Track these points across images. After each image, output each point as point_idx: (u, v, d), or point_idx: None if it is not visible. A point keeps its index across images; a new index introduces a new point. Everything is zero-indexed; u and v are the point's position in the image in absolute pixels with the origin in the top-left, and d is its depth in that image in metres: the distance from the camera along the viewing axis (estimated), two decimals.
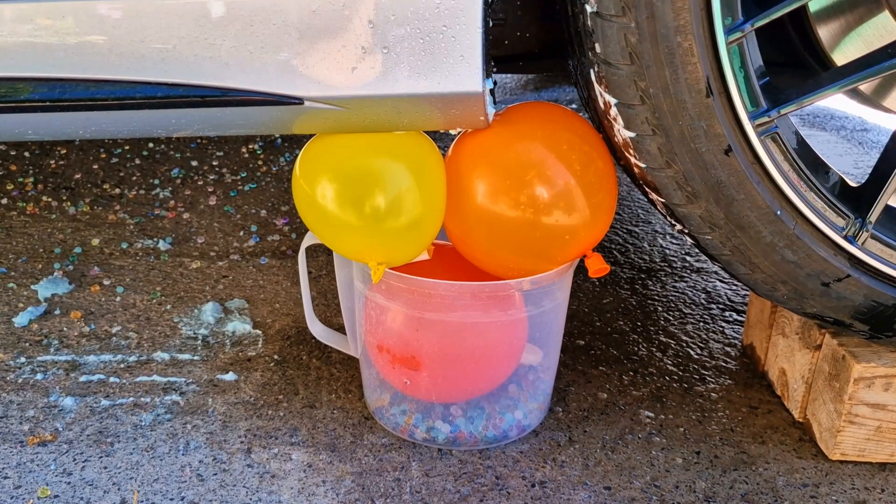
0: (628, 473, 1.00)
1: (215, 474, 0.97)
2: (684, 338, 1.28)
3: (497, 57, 1.20)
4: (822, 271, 0.95)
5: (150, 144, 2.09)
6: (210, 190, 1.83)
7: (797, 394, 1.08)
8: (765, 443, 1.05)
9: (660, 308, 1.37)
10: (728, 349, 1.25)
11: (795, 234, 0.93)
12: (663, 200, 0.94)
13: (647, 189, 0.96)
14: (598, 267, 0.96)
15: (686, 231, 0.96)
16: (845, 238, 0.94)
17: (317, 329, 1.15)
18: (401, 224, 0.93)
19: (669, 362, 1.21)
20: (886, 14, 1.02)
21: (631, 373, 1.19)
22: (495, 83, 0.92)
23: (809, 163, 0.95)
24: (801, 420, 1.08)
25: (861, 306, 0.96)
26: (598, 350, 1.25)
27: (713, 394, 1.14)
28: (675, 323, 1.32)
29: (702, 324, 1.31)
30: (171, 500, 0.94)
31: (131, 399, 1.11)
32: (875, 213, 0.93)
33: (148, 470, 0.98)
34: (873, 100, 1.11)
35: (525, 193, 0.92)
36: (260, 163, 1.99)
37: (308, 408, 1.10)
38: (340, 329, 1.24)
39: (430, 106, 0.85)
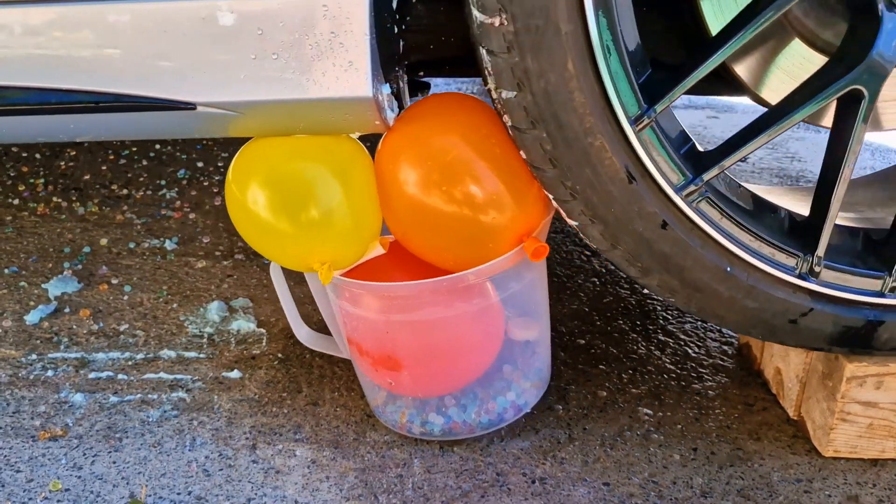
0: (627, 470, 1.01)
1: (221, 470, 1.00)
2: (682, 336, 1.30)
3: (425, 61, 1.22)
4: (786, 310, 0.97)
5: (157, 146, 2.12)
6: (215, 191, 1.85)
7: (792, 392, 1.10)
8: (760, 439, 1.07)
9: (658, 307, 1.39)
10: (725, 348, 1.27)
11: (750, 284, 0.95)
12: (625, 275, 0.97)
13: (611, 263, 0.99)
14: (534, 248, 0.95)
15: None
16: (800, 277, 0.95)
17: (302, 334, 1.16)
18: (336, 228, 0.94)
19: (668, 361, 1.23)
20: (799, 41, 1.04)
21: (630, 371, 1.21)
22: (397, 87, 0.93)
23: (752, 210, 0.97)
24: (795, 418, 1.10)
25: (833, 333, 0.98)
26: (597, 349, 1.27)
27: (710, 391, 1.16)
28: (674, 322, 1.34)
29: (699, 323, 1.33)
30: (179, 494, 0.96)
31: (139, 396, 1.14)
32: (822, 247, 0.94)
33: (155, 465, 1.00)
34: (753, 90, 1.10)
35: (446, 188, 0.92)
36: None
37: (311, 405, 1.12)
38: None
39: (323, 110, 0.87)
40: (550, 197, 0.93)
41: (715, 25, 1.03)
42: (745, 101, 1.77)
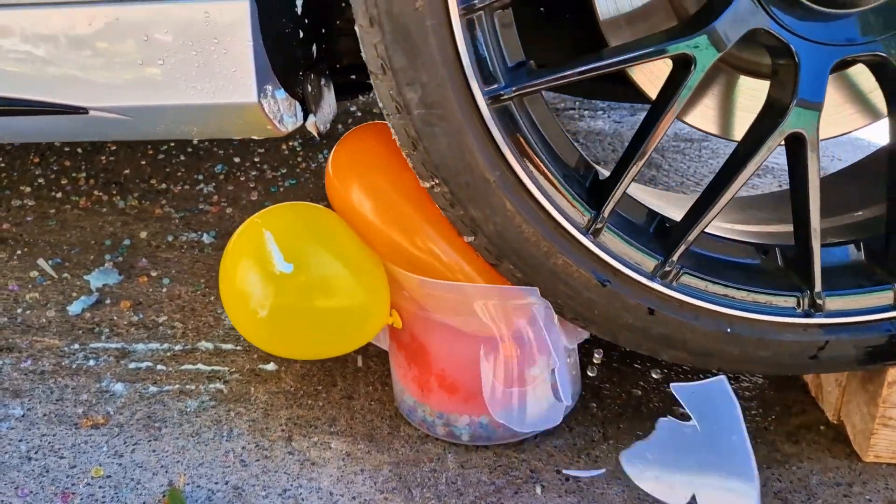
0: None
1: (258, 460, 1.01)
2: None
3: (358, 65, 1.22)
4: (801, 350, 0.96)
5: (195, 142, 2.15)
6: (252, 186, 1.87)
7: (831, 396, 1.08)
8: (798, 442, 1.05)
9: None
10: None
11: (757, 337, 0.94)
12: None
13: None
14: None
15: None
16: (805, 315, 0.94)
17: None
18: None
19: None
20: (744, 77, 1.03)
21: (665, 370, 1.20)
22: (304, 91, 0.94)
23: (738, 262, 0.97)
24: (834, 421, 1.08)
25: (859, 355, 0.96)
26: None
27: (747, 392, 1.15)
28: None
29: None
30: (216, 483, 0.97)
31: (177, 386, 1.15)
32: (818, 282, 0.93)
33: (194, 454, 1.02)
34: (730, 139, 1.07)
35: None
36: (299, 159, 2.03)
37: (346, 399, 1.13)
38: None
39: (212, 115, 0.89)
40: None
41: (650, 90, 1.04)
42: None
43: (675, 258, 0.92)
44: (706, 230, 0.93)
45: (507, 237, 0.90)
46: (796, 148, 0.89)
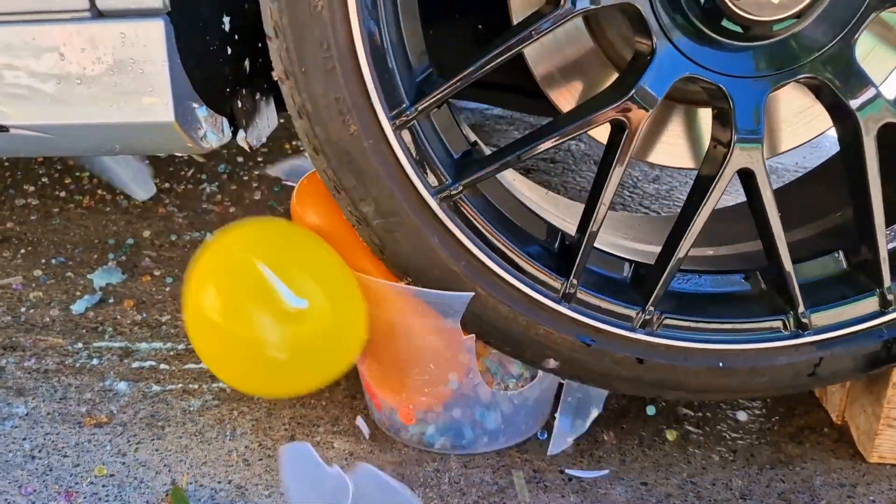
0: (665, 470, 1.01)
1: (261, 459, 1.01)
2: None
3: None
4: (798, 371, 0.95)
5: None
6: (255, 185, 1.87)
7: (835, 397, 1.08)
8: (802, 443, 1.05)
9: None
10: None
11: (750, 366, 0.95)
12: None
13: None
14: None
15: None
16: (794, 336, 0.94)
17: None
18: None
19: None
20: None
21: None
22: (232, 108, 0.94)
23: (719, 294, 0.97)
24: (838, 422, 1.08)
25: (858, 364, 0.95)
26: None
27: None
28: None
29: None
30: (219, 482, 0.98)
31: (180, 385, 1.16)
32: (800, 302, 0.92)
33: (197, 453, 1.02)
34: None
35: None
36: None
37: (349, 398, 1.13)
38: None
39: (132, 133, 0.89)
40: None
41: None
42: None
43: (652, 306, 0.93)
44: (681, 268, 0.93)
45: (486, 318, 0.92)
46: (747, 180, 0.89)
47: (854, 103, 0.85)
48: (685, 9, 0.83)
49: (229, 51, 0.92)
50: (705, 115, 1.03)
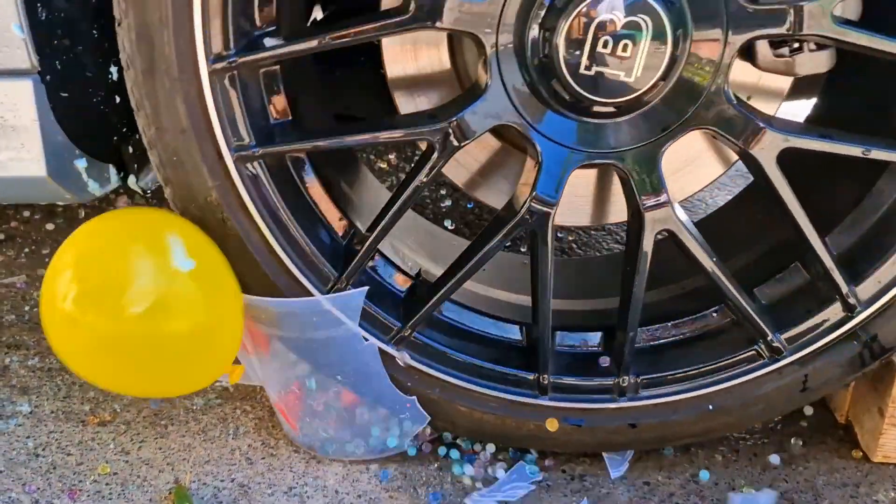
0: (668, 469, 1.01)
1: (263, 458, 1.01)
2: None
3: None
4: (790, 394, 0.96)
5: None
6: None
7: (840, 397, 1.07)
8: (805, 443, 1.05)
9: None
10: None
11: (741, 401, 0.96)
12: None
13: None
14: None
15: None
16: (773, 361, 0.94)
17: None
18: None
19: None
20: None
21: None
22: (118, 156, 0.97)
23: (696, 336, 0.99)
24: (843, 422, 1.08)
25: (847, 370, 0.95)
26: None
27: None
28: None
29: None
30: (222, 481, 0.98)
31: None
32: (763, 328, 0.93)
33: (200, 452, 1.02)
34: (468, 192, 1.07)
35: None
36: None
37: None
38: None
39: (11, 186, 0.93)
40: None
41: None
42: None
43: (629, 377, 0.94)
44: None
45: (482, 429, 0.99)
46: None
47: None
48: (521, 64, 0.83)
49: (117, 99, 0.93)
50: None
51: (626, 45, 0.79)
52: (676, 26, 0.79)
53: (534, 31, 0.81)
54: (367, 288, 0.92)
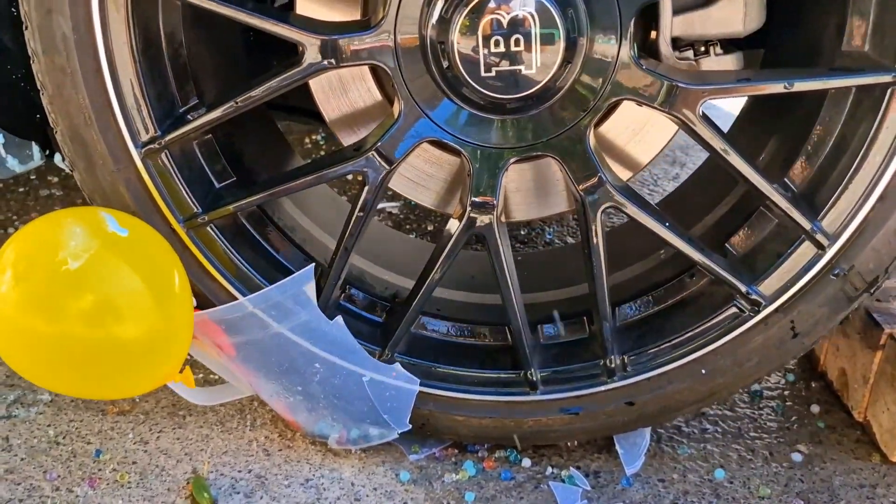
0: (683, 467, 1.01)
1: (280, 450, 1.02)
2: None
3: None
4: (781, 337, 0.93)
5: None
6: None
7: (857, 394, 1.07)
8: (821, 442, 1.05)
9: None
10: None
11: (732, 359, 0.94)
12: None
13: None
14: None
15: None
16: (756, 312, 0.92)
17: (204, 397, 1.08)
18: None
19: None
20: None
21: None
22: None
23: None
24: (860, 421, 1.07)
25: (834, 308, 0.92)
26: None
27: (770, 391, 1.14)
28: None
29: None
30: (239, 472, 0.99)
31: (201, 375, 1.17)
32: (737, 283, 0.92)
33: (217, 443, 1.03)
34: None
35: None
36: (322, 153, 2.04)
37: None
38: None
39: None
40: None
41: None
42: None
43: (615, 356, 0.95)
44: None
45: (483, 434, 1.00)
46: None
47: None
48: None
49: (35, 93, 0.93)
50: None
51: (517, 40, 0.82)
52: (564, 7, 0.81)
53: (430, 47, 0.84)
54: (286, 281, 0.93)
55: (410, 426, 0.97)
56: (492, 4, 0.81)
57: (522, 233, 1.55)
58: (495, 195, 0.90)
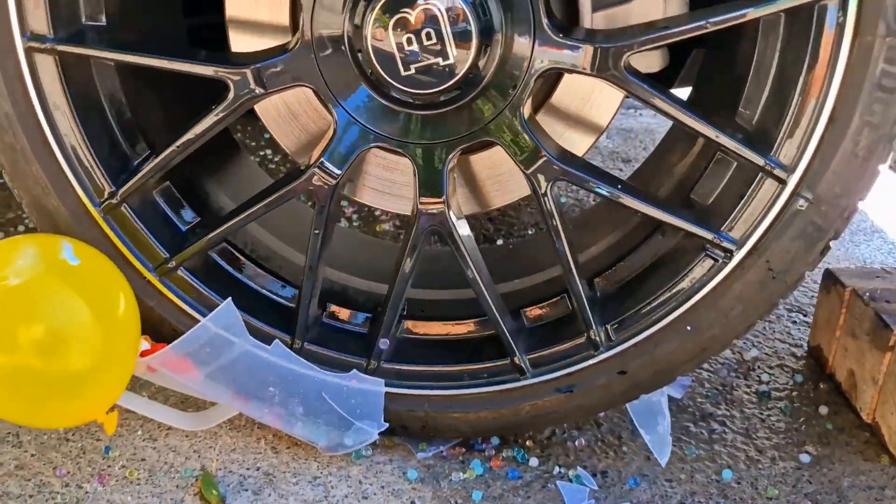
0: (690, 467, 1.01)
1: (288, 447, 1.02)
2: (750, 336, 1.28)
3: None
4: (763, 282, 0.91)
5: None
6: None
7: (866, 395, 1.07)
8: (830, 444, 1.04)
9: None
10: (794, 349, 1.24)
11: (715, 309, 0.93)
12: None
13: None
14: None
15: None
16: (728, 257, 0.91)
17: (195, 423, 1.07)
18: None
19: (734, 360, 1.22)
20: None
21: (697, 370, 1.19)
22: None
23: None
24: (869, 422, 1.07)
25: (806, 241, 0.89)
26: None
27: (778, 392, 1.14)
28: None
29: (767, 324, 1.31)
30: (248, 469, 0.99)
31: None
32: (706, 231, 0.91)
33: (226, 441, 1.04)
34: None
35: None
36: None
37: None
38: None
39: None
40: None
41: None
42: None
43: (596, 328, 0.95)
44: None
45: (482, 427, 1.00)
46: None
47: None
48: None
49: None
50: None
51: (429, 34, 0.83)
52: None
53: (351, 57, 0.87)
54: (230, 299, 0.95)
55: (407, 428, 0.98)
56: (398, 4, 0.82)
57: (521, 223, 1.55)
58: (443, 191, 0.91)
